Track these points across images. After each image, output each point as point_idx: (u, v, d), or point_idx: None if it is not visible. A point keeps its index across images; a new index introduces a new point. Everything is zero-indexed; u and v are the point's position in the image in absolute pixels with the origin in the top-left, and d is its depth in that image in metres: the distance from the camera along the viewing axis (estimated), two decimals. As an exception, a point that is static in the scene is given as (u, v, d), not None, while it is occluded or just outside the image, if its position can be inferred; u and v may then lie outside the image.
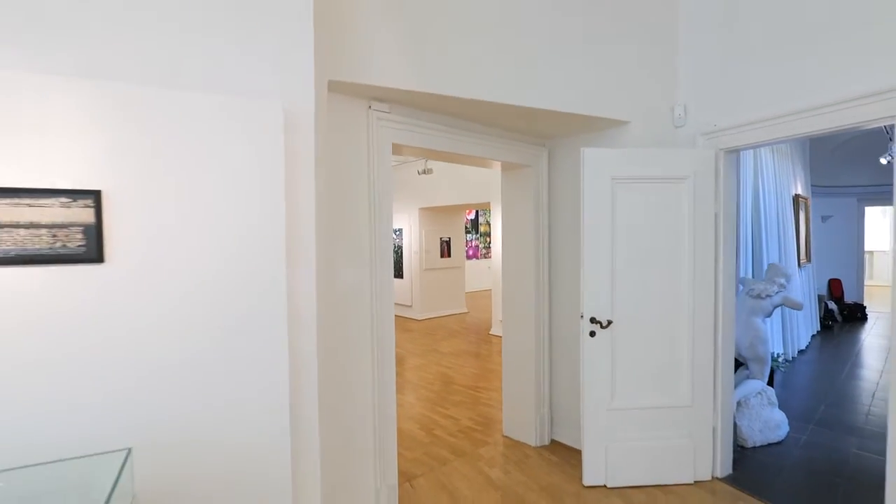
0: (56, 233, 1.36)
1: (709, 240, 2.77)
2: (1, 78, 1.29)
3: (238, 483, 1.59)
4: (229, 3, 1.60)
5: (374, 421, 2.40)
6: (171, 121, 1.49)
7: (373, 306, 2.39)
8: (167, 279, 1.49)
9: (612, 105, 2.88)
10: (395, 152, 2.60)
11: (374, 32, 2.13)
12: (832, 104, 2.25)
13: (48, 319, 1.34)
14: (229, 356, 1.58)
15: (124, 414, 1.43)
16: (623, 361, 2.75)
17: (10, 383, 1.30)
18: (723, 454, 2.88)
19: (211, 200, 1.55)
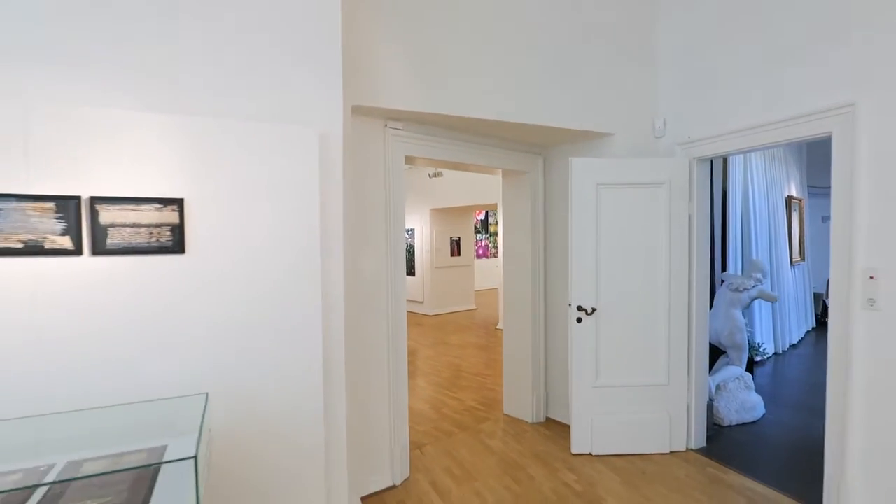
0: (152, 230, 1.81)
1: (683, 237, 3.14)
2: (115, 115, 1.74)
3: (281, 425, 2.03)
4: (279, 54, 2.04)
5: (389, 390, 2.82)
6: (235, 143, 1.93)
7: (388, 293, 2.82)
8: (230, 265, 1.93)
9: (598, 120, 3.26)
10: (407, 162, 3.02)
11: (388, 64, 2.55)
12: (780, 121, 2.62)
13: (148, 293, 1.79)
14: (275, 325, 2.01)
15: (199, 366, 1.87)
16: (606, 344, 3.14)
17: (122, 337, 1.75)
18: (696, 428, 3.24)
19: (263, 204, 1.98)
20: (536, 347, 3.77)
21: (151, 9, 1.84)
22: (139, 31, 1.82)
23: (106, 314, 1.74)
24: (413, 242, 9.60)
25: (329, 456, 2.19)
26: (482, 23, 2.83)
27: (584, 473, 2.91)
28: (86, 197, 1.71)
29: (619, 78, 3.31)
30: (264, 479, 2.00)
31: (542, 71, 3.05)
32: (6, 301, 1.62)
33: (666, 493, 2.67)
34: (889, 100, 2.19)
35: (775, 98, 2.67)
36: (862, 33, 2.29)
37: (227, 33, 1.96)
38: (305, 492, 2.10)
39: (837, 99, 2.37)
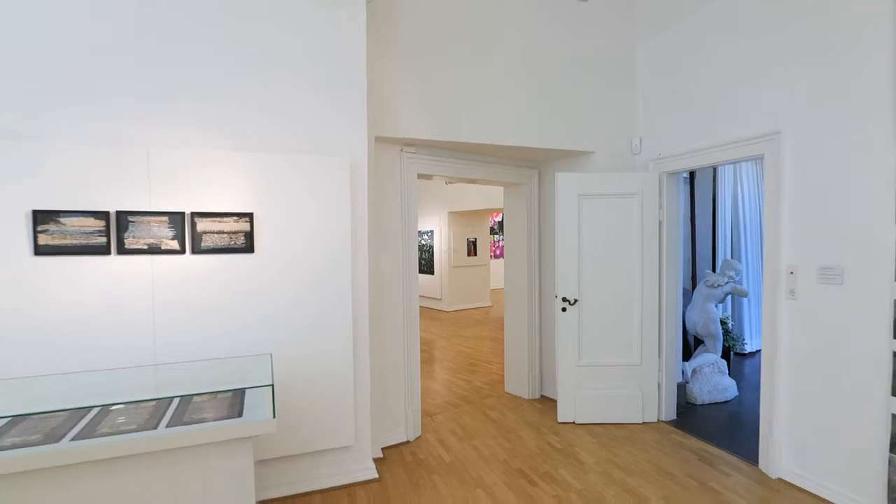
0: (231, 236, 2.51)
1: (654, 240, 3.69)
2: (207, 154, 2.44)
3: (320, 382, 2.70)
4: (320, 102, 2.72)
5: (404, 365, 3.47)
6: (288, 171, 2.61)
7: (404, 286, 3.47)
8: (284, 262, 2.62)
9: (583, 140, 3.84)
10: (420, 178, 3.67)
11: (402, 102, 3.20)
12: (725, 144, 3.16)
13: (229, 282, 2.49)
14: (316, 308, 2.69)
15: (264, 335, 2.56)
16: (587, 330, 3.72)
17: (213, 313, 2.45)
18: (667, 403, 3.79)
19: (308, 216, 2.66)
20: (532, 334, 4.36)
21: (231, 79, 2.54)
22: (223, 94, 2.53)
23: (201, 296, 2.45)
24: (432, 243, 10.27)
25: (357, 409, 2.86)
26: (479, 64, 3.45)
27: (565, 436, 3.50)
28: (188, 212, 2.42)
29: (602, 103, 3.88)
30: (307, 422, 2.68)
31: (533, 100, 3.65)
32: (136, 284, 2.34)
33: (631, 451, 3.23)
34: (806, 129, 2.72)
35: (721, 123, 3.21)
36: (784, 74, 2.82)
37: (283, 91, 2.65)
38: (337, 434, 2.78)
39: (767, 127, 2.91)
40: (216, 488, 1.86)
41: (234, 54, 2.56)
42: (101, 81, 2.33)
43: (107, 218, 2.28)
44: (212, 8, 2.51)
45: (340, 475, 2.82)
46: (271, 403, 1.96)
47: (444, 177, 3.85)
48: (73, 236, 2.23)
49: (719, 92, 3.24)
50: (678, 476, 2.89)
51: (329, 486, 2.77)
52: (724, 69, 3.21)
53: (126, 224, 2.31)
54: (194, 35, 2.48)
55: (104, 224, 2.28)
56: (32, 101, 2.22)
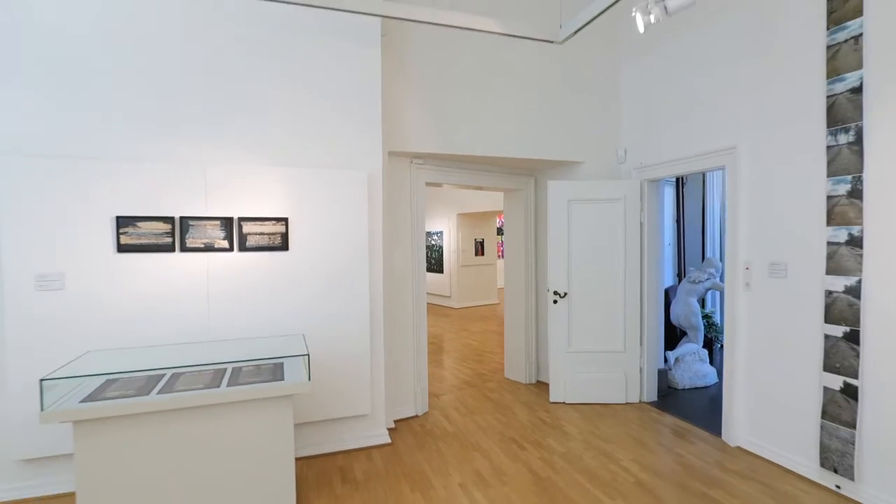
0: (270, 237, 3.03)
1: (636, 240, 4.14)
2: (251, 168, 2.97)
3: (342, 359, 3.21)
4: (343, 124, 3.23)
5: (413, 349, 3.97)
6: (316, 182, 3.13)
7: (413, 281, 3.97)
8: (313, 259, 3.13)
9: (573, 152, 4.30)
10: (428, 185, 4.16)
11: (412, 120, 3.70)
12: (693, 156, 3.60)
13: (269, 275, 3.01)
14: (339, 298, 3.20)
15: (298, 319, 3.08)
16: (576, 320, 4.18)
17: (255, 302, 2.98)
18: (648, 386, 4.23)
19: (332, 220, 3.18)
20: (529, 325, 4.84)
21: (272, 107, 3.07)
22: (265, 120, 3.06)
23: (246, 286, 2.98)
24: (441, 243, 10.76)
25: (372, 385, 3.37)
26: (479, 84, 3.94)
27: (555, 413, 3.97)
28: (236, 217, 2.95)
29: (591, 117, 4.34)
30: (332, 394, 3.19)
31: (529, 116, 4.13)
32: (195, 276, 2.87)
33: (611, 425, 3.69)
34: (757, 145, 3.16)
35: (691, 138, 3.65)
36: (738, 98, 3.26)
37: (313, 116, 3.18)
38: (356, 404, 3.28)
39: (726, 142, 3.35)
40: (264, 436, 2.38)
41: (275, 87, 3.08)
42: (171, 113, 2.87)
43: (172, 222, 2.82)
44: (258, 51, 3.04)
45: (359, 439, 3.33)
46: (307, 369, 2.48)
47: (450, 184, 4.34)
48: (146, 237, 2.77)
49: (689, 111, 3.69)
50: (649, 444, 3.35)
51: (350, 448, 3.28)
52: (692, 91, 3.65)
53: (187, 227, 2.85)
54: (243, 73, 3.01)
55: (170, 227, 2.82)
56: (117, 129, 2.77)
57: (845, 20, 2.64)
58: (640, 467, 3.01)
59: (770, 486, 2.78)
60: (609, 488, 2.76)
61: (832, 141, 2.71)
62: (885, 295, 2.48)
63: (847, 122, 2.64)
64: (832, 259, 2.73)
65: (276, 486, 2.41)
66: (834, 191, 2.71)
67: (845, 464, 2.65)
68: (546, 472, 2.95)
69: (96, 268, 2.70)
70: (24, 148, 2.62)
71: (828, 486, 2.75)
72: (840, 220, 2.69)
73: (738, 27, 3.27)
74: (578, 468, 3.00)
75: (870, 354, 2.56)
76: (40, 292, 2.61)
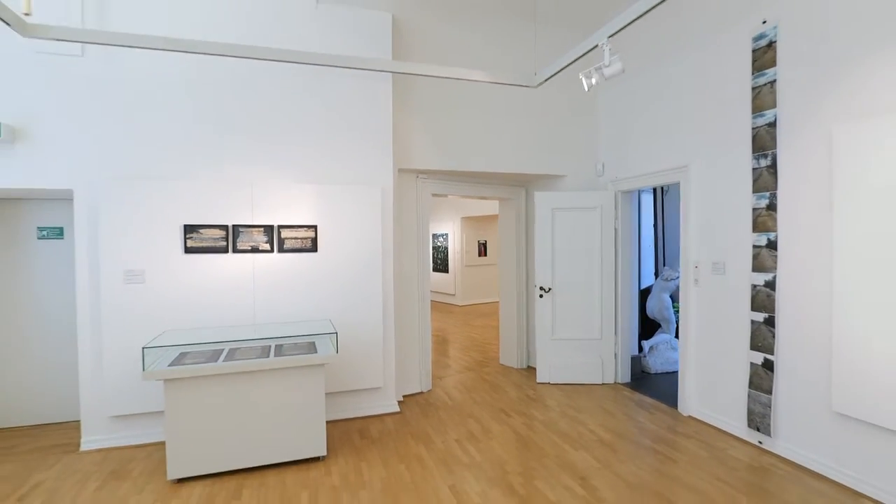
0: (303, 241, 3.74)
1: (611, 243, 4.80)
2: (288, 185, 3.69)
3: (361, 342, 3.91)
4: (361, 147, 3.94)
5: (418, 337, 4.66)
6: (339, 196, 3.84)
7: (418, 280, 4.66)
8: (337, 260, 3.84)
9: (556, 167, 4.98)
10: (434, 196, 4.85)
11: (418, 141, 4.40)
12: (656, 171, 4.26)
13: (301, 272, 3.73)
14: (358, 292, 3.90)
15: (325, 308, 3.79)
16: (559, 311, 4.84)
17: (291, 293, 3.69)
18: (622, 369, 4.88)
19: (353, 227, 3.88)
20: (521, 316, 5.51)
21: (304, 136, 3.78)
22: (298, 146, 3.77)
23: (285, 281, 3.70)
24: (447, 245, 11.45)
25: (384, 363, 4.06)
26: (474, 110, 4.62)
27: (540, 391, 4.64)
28: (276, 225, 3.66)
29: (573, 136, 5.01)
30: (352, 370, 3.89)
31: (518, 136, 4.80)
32: (243, 272, 3.59)
33: (586, 400, 4.35)
34: (703, 165, 3.81)
35: (655, 156, 4.30)
36: (689, 125, 3.91)
37: (337, 141, 3.89)
38: (372, 379, 3.98)
39: (680, 162, 4.01)
40: (302, 396, 3.08)
41: (306, 120, 3.80)
42: (227, 143, 3.59)
43: (227, 229, 3.54)
44: (291, 93, 3.75)
45: (374, 408, 4.02)
46: (335, 344, 3.19)
47: (452, 195, 5.03)
48: (206, 241, 3.49)
49: (653, 134, 4.35)
50: (615, 413, 4.01)
51: (366, 415, 3.98)
52: (655, 118, 4.31)
53: (238, 233, 3.57)
54: (281, 112, 3.73)
55: (225, 233, 3.54)
56: (186, 157, 3.50)
57: (764, 68, 3.29)
58: (604, 430, 3.68)
59: (707, 443, 3.44)
60: (575, 443, 3.43)
61: (756, 164, 3.36)
62: (792, 287, 3.13)
63: (766, 149, 3.29)
64: (756, 259, 3.38)
65: (311, 434, 3.11)
66: (757, 204, 3.36)
67: (765, 423, 3.30)
68: (526, 433, 3.63)
69: (169, 266, 3.42)
70: (117, 172, 3.36)
71: (753, 442, 3.40)
72: (762, 227, 3.34)
73: (689, 69, 3.93)
74: (553, 430, 3.68)
75: (782, 335, 3.21)
76: (127, 285, 3.34)
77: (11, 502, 2.68)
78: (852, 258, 2.73)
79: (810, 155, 3.00)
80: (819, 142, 2.95)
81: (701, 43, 3.80)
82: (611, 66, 2.61)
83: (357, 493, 2.78)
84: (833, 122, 2.87)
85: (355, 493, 2.77)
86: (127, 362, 3.33)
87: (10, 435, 3.64)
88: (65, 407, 3.84)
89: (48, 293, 3.81)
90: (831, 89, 2.88)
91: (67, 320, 3.82)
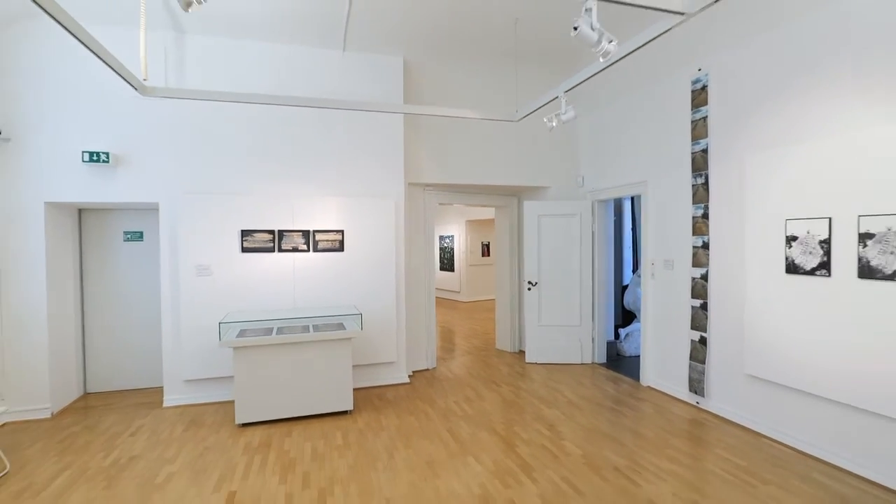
0: (332, 242, 4.66)
1: (588, 244, 5.67)
2: (317, 197, 4.62)
3: (379, 325, 4.83)
4: (379, 166, 4.86)
5: (425, 323, 5.56)
6: (360, 206, 4.76)
7: (426, 275, 5.56)
8: (359, 257, 4.76)
9: (543, 179, 5.85)
10: (441, 205, 5.76)
11: (423, 158, 5.30)
12: (623, 185, 5.13)
13: (331, 267, 4.65)
14: (377, 284, 4.81)
15: (348, 297, 4.71)
16: (544, 302, 5.72)
17: (324, 287, 4.62)
18: (598, 351, 5.74)
19: (371, 231, 4.80)
20: (514, 307, 6.39)
21: (333, 159, 4.71)
22: (330, 168, 4.70)
23: (319, 274, 4.62)
24: (453, 246, 12.34)
25: (397, 342, 4.97)
26: (473, 132, 5.52)
27: (527, 369, 5.52)
28: (311, 229, 4.59)
29: (557, 154, 5.89)
30: (371, 347, 4.81)
31: (511, 153, 5.69)
32: (286, 268, 4.53)
33: (565, 375, 5.22)
34: (657, 181, 4.66)
35: (622, 171, 5.16)
36: (648, 147, 4.77)
37: (360, 162, 4.81)
38: (387, 355, 4.89)
39: (641, 177, 4.87)
40: (335, 363, 4.00)
41: (335, 147, 4.72)
42: (274, 166, 4.52)
43: (273, 233, 4.47)
44: (325, 123, 4.68)
45: (388, 379, 4.93)
46: (360, 322, 4.11)
47: (456, 203, 5.93)
48: (258, 242, 4.43)
49: (621, 152, 5.21)
50: (587, 385, 4.88)
51: (383, 384, 4.89)
52: (623, 140, 5.18)
53: (281, 236, 4.50)
54: (316, 138, 4.65)
55: (272, 236, 4.47)
56: (242, 177, 4.44)
57: (700, 105, 4.15)
58: (575, 395, 4.55)
59: (656, 404, 4.29)
60: (549, 404, 4.31)
61: (694, 182, 4.22)
62: (719, 280, 3.99)
63: (701, 170, 4.14)
64: (695, 257, 4.23)
65: (341, 393, 4.02)
66: (695, 213, 4.22)
67: (700, 387, 4.15)
68: (511, 398, 4.52)
69: (229, 262, 4.36)
70: (191, 188, 4.30)
71: (692, 402, 4.25)
72: (698, 232, 4.19)
73: (648, 101, 4.80)
74: (533, 395, 4.56)
75: (712, 317, 4.06)
76: (198, 277, 4.28)
77: (125, 437, 3.63)
78: (757, 260, 3.59)
79: (730, 177, 3.86)
80: (735, 167, 3.81)
81: (657, 80, 4.67)
82: (566, 113, 3.48)
83: (378, 433, 3.69)
84: (744, 152, 3.73)
85: (377, 434, 3.68)
86: (199, 337, 4.27)
87: (107, 396, 4.60)
88: (144, 375, 4.80)
89: (131, 285, 4.77)
90: (744, 126, 3.73)
91: (146, 306, 4.78)
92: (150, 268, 4.80)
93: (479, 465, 3.16)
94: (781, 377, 3.41)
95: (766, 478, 2.95)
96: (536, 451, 3.34)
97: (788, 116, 3.39)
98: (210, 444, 3.51)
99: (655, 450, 3.36)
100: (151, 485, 2.93)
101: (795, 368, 3.32)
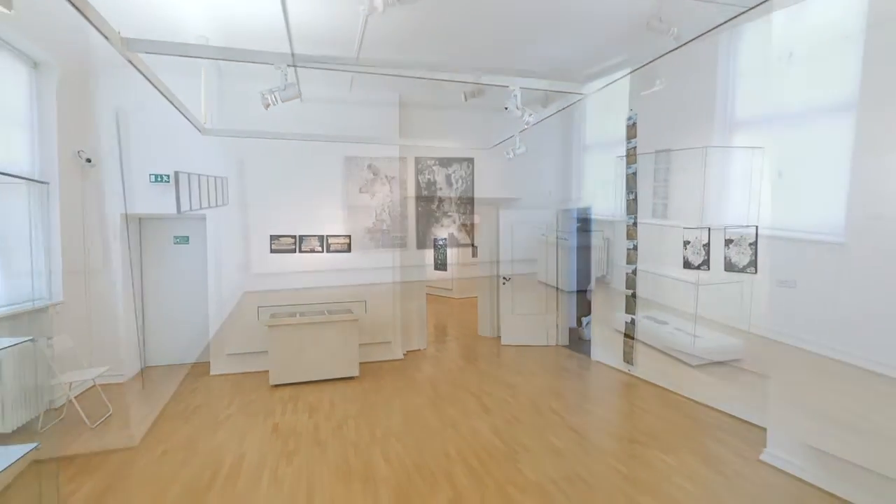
0: (341, 244, 5.82)
1: (553, 246, 6.83)
2: (331, 209, 5.79)
3: (379, 309, 5.99)
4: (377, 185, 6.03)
5: (417, 312, 6.71)
6: (364, 217, 5.93)
7: (417, 272, 6.71)
8: (363, 256, 5.92)
9: (518, 193, 7.02)
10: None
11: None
12: (580, 198, 6.30)
13: (340, 265, 5.81)
14: (377, 277, 5.97)
15: (355, 289, 5.87)
16: (516, 294, 6.88)
17: (335, 280, 5.78)
18: (561, 335, 6.90)
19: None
20: (493, 299, 7.56)
21: (343, 181, 5.88)
22: (340, 184, 5.87)
23: (331, 270, 5.79)
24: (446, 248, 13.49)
25: (394, 326, 6.13)
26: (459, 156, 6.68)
27: (502, 350, 6.68)
28: (325, 234, 5.76)
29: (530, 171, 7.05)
30: (374, 329, 5.97)
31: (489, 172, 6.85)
32: (306, 265, 5.69)
33: (531, 354, 6.37)
34: (604, 195, 5.83)
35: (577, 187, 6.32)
36: (596, 167, 5.94)
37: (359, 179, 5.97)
38: (385, 335, 6.05)
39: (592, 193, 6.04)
40: (345, 339, 5.16)
41: (343, 167, 5.87)
42: (294, 184, 5.69)
43: (295, 238, 5.62)
44: (335, 151, 5.83)
45: (386, 355, 6.08)
46: (365, 307, 5.27)
47: (441, 212, 7.10)
48: (284, 245, 5.58)
49: (563, 180, 6.38)
50: (547, 361, 6.04)
51: (382, 360, 6.04)
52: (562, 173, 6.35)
53: (302, 240, 5.65)
54: (328, 161, 5.81)
55: (294, 240, 5.62)
56: (270, 193, 5.59)
57: (632, 138, 5.32)
58: (535, 365, 5.71)
59: (597, 372, 5.46)
60: (513, 370, 5.48)
61: (628, 197, 5.39)
62: (643, 273, 5.16)
63: (632, 189, 5.31)
64: (628, 257, 5.40)
65: (350, 362, 5.19)
66: (629, 222, 5.39)
67: (631, 358, 5.32)
68: (485, 367, 5.68)
69: (261, 261, 5.51)
70: (232, 201, 5.46)
71: (625, 370, 5.42)
72: (631, 237, 5.36)
73: (597, 132, 5.97)
74: (502, 366, 5.72)
75: (639, 303, 5.22)
76: (237, 273, 5.43)
77: (188, 392, 4.79)
78: (669, 259, 4.76)
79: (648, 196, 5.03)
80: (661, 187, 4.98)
81: (603, 114, 5.84)
82: (520, 148, 4.65)
83: (378, 391, 4.85)
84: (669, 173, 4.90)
85: (378, 392, 4.84)
86: (241, 320, 5.42)
87: (163, 368, 5.75)
88: (192, 351, 5.95)
89: (181, 280, 5.91)
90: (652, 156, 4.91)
91: (192, 297, 5.92)
92: (195, 265, 5.94)
93: (453, 408, 4.33)
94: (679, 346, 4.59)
95: (657, 412, 4.12)
96: (497, 401, 4.51)
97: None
98: (253, 398, 4.66)
99: (584, 398, 4.53)
100: (216, 421, 4.09)
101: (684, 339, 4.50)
